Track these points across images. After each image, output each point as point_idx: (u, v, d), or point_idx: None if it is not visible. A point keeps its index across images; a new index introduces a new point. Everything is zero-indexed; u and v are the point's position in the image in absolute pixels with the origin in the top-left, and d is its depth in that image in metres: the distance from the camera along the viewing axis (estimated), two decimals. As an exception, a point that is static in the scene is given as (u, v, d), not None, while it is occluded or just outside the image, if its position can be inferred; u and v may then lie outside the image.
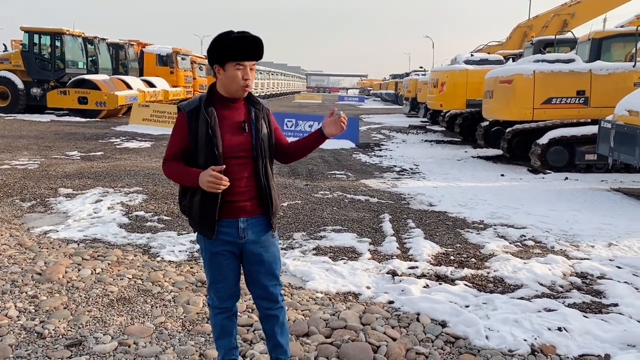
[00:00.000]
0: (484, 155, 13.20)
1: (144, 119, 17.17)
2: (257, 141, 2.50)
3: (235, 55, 2.40)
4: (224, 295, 2.65)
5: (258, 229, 2.56)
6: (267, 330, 2.75)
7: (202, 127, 2.44)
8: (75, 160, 10.35)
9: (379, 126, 21.94)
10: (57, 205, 6.75)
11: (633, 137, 7.72)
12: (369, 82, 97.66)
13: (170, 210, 6.62)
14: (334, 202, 7.45)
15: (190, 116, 2.47)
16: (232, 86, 2.46)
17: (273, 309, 2.69)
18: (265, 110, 2.60)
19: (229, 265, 2.59)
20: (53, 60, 20.62)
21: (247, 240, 2.55)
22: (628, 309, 3.96)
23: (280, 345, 2.75)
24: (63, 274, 4.34)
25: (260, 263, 2.60)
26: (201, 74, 31.68)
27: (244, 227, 2.53)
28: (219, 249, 2.55)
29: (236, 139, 2.47)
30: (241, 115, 2.52)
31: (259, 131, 2.51)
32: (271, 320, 2.71)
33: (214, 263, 2.59)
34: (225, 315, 2.70)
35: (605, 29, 14.05)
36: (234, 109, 2.52)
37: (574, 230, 6.26)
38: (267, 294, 2.66)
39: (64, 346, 3.18)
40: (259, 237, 2.57)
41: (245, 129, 2.50)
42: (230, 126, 2.48)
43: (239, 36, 2.40)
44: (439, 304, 3.92)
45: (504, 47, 21.67)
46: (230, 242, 2.54)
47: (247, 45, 2.41)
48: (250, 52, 2.42)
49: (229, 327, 2.73)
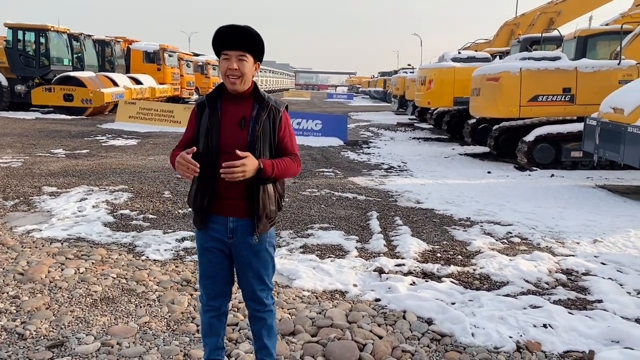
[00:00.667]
0: (471, 153, 13.25)
1: (131, 117, 17.02)
2: (251, 139, 2.43)
3: (218, 44, 2.41)
4: (211, 292, 2.64)
5: (247, 231, 2.51)
6: (254, 331, 2.74)
7: (204, 119, 2.47)
8: (60, 158, 10.22)
9: (367, 124, 21.96)
10: (41, 203, 6.66)
11: (618, 135, 7.80)
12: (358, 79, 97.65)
13: (156, 209, 6.56)
14: (321, 199, 7.43)
15: (199, 108, 2.53)
16: (222, 77, 2.45)
17: (260, 311, 2.67)
18: (273, 109, 2.49)
19: (217, 263, 2.58)
20: (38, 57, 20.35)
21: (235, 241, 2.52)
22: (612, 305, 3.99)
23: (267, 347, 2.73)
24: (46, 273, 4.27)
25: (249, 266, 2.58)
26: (188, 71, 31.49)
27: (232, 228, 2.50)
28: (208, 245, 2.55)
29: (233, 134, 2.44)
30: (244, 111, 2.47)
31: (256, 130, 2.44)
32: (258, 322, 2.70)
33: (204, 258, 2.60)
34: (213, 313, 2.68)
35: (591, 27, 14.16)
36: (240, 105, 2.48)
37: (559, 227, 6.30)
38: (255, 297, 2.64)
39: (45, 347, 3.13)
40: (248, 240, 2.52)
41: (242, 125, 2.45)
42: (231, 121, 2.46)
43: (222, 26, 2.40)
44: (425, 302, 3.92)
45: (491, 44, 21.76)
46: (219, 240, 2.53)
47: (228, 34, 2.38)
48: (231, 41, 2.38)
49: (217, 326, 2.71)
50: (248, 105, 2.48)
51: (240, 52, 2.39)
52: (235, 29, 2.39)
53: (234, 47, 2.39)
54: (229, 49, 2.40)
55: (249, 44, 2.40)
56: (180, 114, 16.94)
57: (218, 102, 2.49)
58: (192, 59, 33.57)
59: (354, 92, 70.48)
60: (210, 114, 2.46)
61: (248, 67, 2.42)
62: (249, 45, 2.40)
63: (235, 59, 2.39)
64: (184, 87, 29.97)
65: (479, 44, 22.62)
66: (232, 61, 2.39)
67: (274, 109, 2.50)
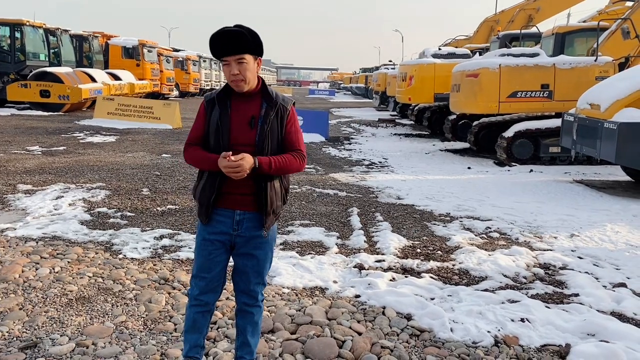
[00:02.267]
0: (451, 149, 13.34)
1: (109, 113, 16.77)
2: (260, 137, 2.50)
3: (215, 53, 2.46)
4: (204, 286, 2.64)
5: (253, 225, 2.57)
6: (239, 326, 2.75)
7: (214, 116, 2.53)
8: (36, 156, 10.03)
9: (349, 120, 21.97)
10: (16, 202, 6.53)
11: (594, 130, 7.91)
12: (340, 75, 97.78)
13: (134, 206, 6.47)
14: (302, 196, 7.41)
15: (208, 105, 2.58)
16: (229, 82, 2.52)
17: (250, 305, 2.70)
18: (281, 108, 2.55)
19: (217, 256, 2.61)
20: (13, 52, 19.94)
21: (240, 233, 2.58)
22: (588, 298, 4.05)
23: (249, 344, 2.74)
24: (19, 273, 4.18)
25: (250, 258, 2.62)
26: (168, 67, 31.17)
27: (239, 220, 2.56)
28: (210, 236, 2.59)
29: (243, 132, 2.51)
30: (253, 110, 2.53)
31: (265, 129, 2.51)
32: (246, 316, 2.72)
33: (203, 250, 2.62)
34: (200, 309, 2.68)
35: (569, 24, 14.33)
36: (249, 103, 2.54)
37: (537, 221, 6.37)
38: (248, 290, 2.68)
39: (18, 348, 3.06)
40: (253, 233, 2.58)
41: (251, 124, 2.52)
42: (240, 119, 2.52)
43: (214, 34, 2.44)
44: (404, 297, 3.92)
45: (471, 41, 21.92)
46: (224, 232, 2.58)
47: (221, 41, 2.43)
48: (225, 47, 2.43)
49: (201, 323, 2.71)
50: (257, 104, 2.54)
51: (237, 55, 2.43)
52: (227, 33, 2.42)
53: (231, 52, 2.43)
54: (227, 55, 2.44)
55: (244, 46, 2.43)
56: (160, 110, 16.74)
57: (228, 101, 2.55)
58: (172, 55, 33.23)
59: (336, 89, 70.52)
60: (221, 113, 2.53)
61: (249, 68, 2.47)
62: (245, 46, 2.44)
63: (235, 63, 2.44)
64: (164, 83, 29.67)
65: (459, 40, 22.78)
66: (232, 66, 2.44)
67: (282, 107, 2.56)
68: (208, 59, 40.91)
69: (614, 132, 7.40)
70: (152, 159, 10.13)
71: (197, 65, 37.48)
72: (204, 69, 39.37)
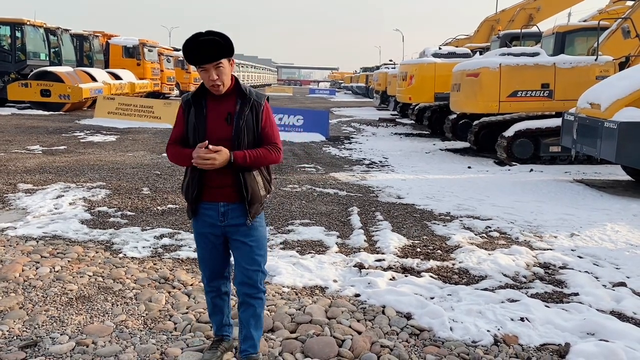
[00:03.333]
0: (451, 148, 13.34)
1: (110, 112, 16.78)
2: (236, 132, 2.61)
3: (190, 60, 2.54)
4: (210, 274, 2.87)
5: (237, 214, 2.69)
6: (242, 319, 2.82)
7: (192, 116, 2.65)
8: (37, 155, 10.04)
9: (350, 119, 21.96)
10: (16, 201, 6.53)
11: (594, 130, 7.90)
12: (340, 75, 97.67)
13: (134, 206, 6.48)
14: (302, 195, 7.41)
15: (186, 106, 2.70)
16: (206, 86, 2.62)
17: (251, 296, 2.77)
18: (255, 104, 2.66)
19: (212, 248, 2.78)
20: (13, 51, 19.94)
21: (227, 224, 2.71)
22: (588, 297, 4.05)
23: (252, 337, 2.81)
24: (20, 272, 4.19)
25: (242, 246, 2.74)
26: (169, 66, 31.15)
27: (223, 212, 2.69)
28: (202, 230, 2.77)
29: (219, 129, 2.62)
30: (228, 107, 2.64)
31: (240, 124, 2.62)
32: (248, 309, 2.79)
33: (199, 243, 2.83)
34: (214, 294, 2.91)
35: (569, 23, 14.32)
36: (223, 101, 2.65)
37: (537, 221, 6.37)
38: (247, 278, 2.75)
39: (18, 347, 3.07)
40: (239, 222, 2.70)
41: (228, 120, 2.63)
42: (216, 117, 2.64)
43: (189, 42, 2.50)
44: (404, 297, 3.93)
45: (472, 40, 21.90)
46: (212, 225, 2.72)
47: (197, 50, 2.50)
48: (203, 57, 2.50)
49: (220, 305, 2.95)
50: (232, 102, 2.65)
51: (214, 62, 2.52)
52: (203, 43, 2.49)
53: (208, 60, 2.51)
54: (205, 63, 2.52)
55: (220, 53, 2.52)
56: (160, 109, 16.75)
57: (203, 101, 2.66)
58: (173, 54, 33.18)
59: (336, 88, 70.47)
60: (197, 113, 2.64)
61: (225, 72, 2.57)
62: (220, 53, 2.52)
63: (213, 69, 2.54)
64: (164, 82, 29.65)
65: (460, 39, 22.75)
66: (210, 72, 2.54)
67: (255, 103, 2.67)
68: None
69: (614, 132, 7.40)
70: (153, 159, 10.14)
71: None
72: (204, 69, 39.26)
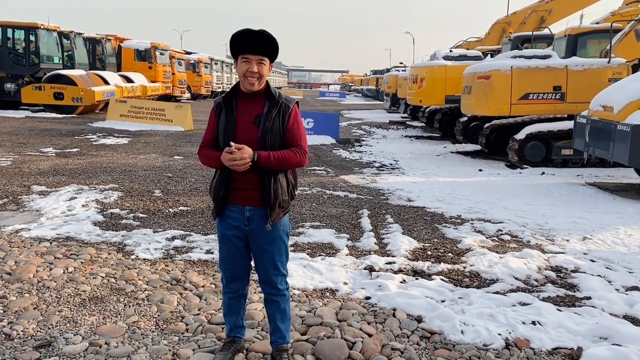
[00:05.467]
0: (462, 151, 13.29)
1: (122, 115, 16.91)
2: (262, 135, 2.66)
3: (238, 48, 2.62)
4: (229, 276, 2.91)
5: (262, 220, 2.72)
6: (269, 314, 2.97)
7: (222, 118, 2.71)
8: (50, 157, 10.15)
9: (360, 122, 21.97)
10: (30, 203, 6.61)
11: (607, 132, 7.84)
12: (350, 77, 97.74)
13: (146, 208, 6.53)
14: (313, 198, 7.42)
15: (217, 109, 2.76)
16: (240, 78, 2.67)
17: (274, 295, 2.90)
18: (283, 106, 2.71)
19: (235, 250, 2.82)
20: (27, 55, 20.19)
21: (252, 229, 2.75)
22: (600, 301, 4.02)
23: (279, 330, 2.95)
24: (34, 273, 4.24)
25: (264, 252, 2.80)
26: (180, 69, 31.36)
27: (249, 216, 2.73)
28: (227, 232, 2.80)
29: (248, 131, 2.67)
30: (257, 109, 2.69)
31: (266, 126, 2.66)
32: (272, 305, 2.93)
33: (223, 244, 2.85)
34: (231, 295, 2.95)
35: (582, 25, 14.23)
36: (253, 103, 2.71)
37: (549, 224, 6.33)
38: (269, 281, 2.87)
39: (32, 347, 3.11)
40: (264, 228, 2.73)
41: (256, 122, 2.67)
42: (246, 119, 2.69)
43: (243, 31, 2.60)
44: (415, 299, 3.92)
45: (483, 43, 21.83)
46: (237, 227, 2.76)
47: (249, 39, 2.59)
48: (252, 46, 2.59)
49: (236, 306, 2.99)
50: (260, 103, 2.71)
51: (260, 56, 2.61)
52: (256, 34, 2.60)
53: (254, 51, 2.60)
54: (250, 53, 2.60)
55: (268, 49, 2.63)
56: (172, 112, 16.86)
57: (233, 102, 2.72)
58: (184, 57, 33.43)
59: (347, 91, 70.50)
60: (227, 113, 2.70)
61: (266, 70, 2.66)
62: (268, 49, 2.63)
63: (255, 62, 2.61)
64: (176, 85, 29.85)
65: (471, 42, 22.69)
66: (252, 64, 2.61)
67: (284, 106, 2.71)
68: (219, 62, 41.09)
69: (627, 134, 7.34)
70: (164, 161, 10.21)
71: (209, 68, 37.69)
72: (215, 72, 39.56)
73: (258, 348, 3.17)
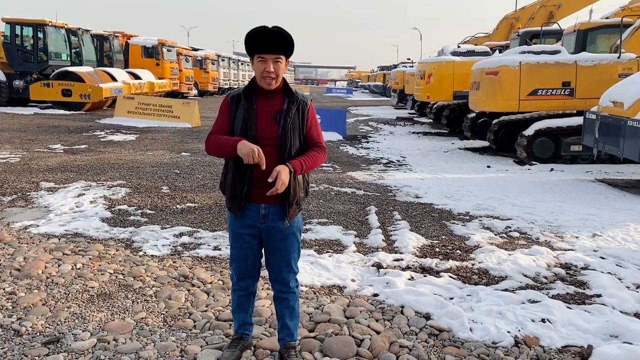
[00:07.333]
0: (470, 147, 13.22)
1: (129, 112, 16.98)
2: (283, 132, 2.65)
3: (254, 47, 2.60)
4: (240, 274, 2.89)
5: (278, 217, 2.72)
6: (278, 311, 2.96)
7: (240, 112, 2.67)
8: (58, 154, 10.20)
9: (367, 118, 21.92)
10: (39, 199, 6.64)
11: (617, 128, 7.77)
12: (357, 74, 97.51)
13: (154, 204, 6.54)
14: (320, 194, 7.41)
15: (233, 102, 2.71)
16: (257, 77, 2.66)
17: (284, 292, 2.89)
18: (301, 103, 2.71)
19: (248, 249, 2.81)
20: (36, 52, 20.30)
21: (266, 226, 2.74)
22: (611, 299, 3.98)
23: (288, 327, 2.94)
24: (42, 269, 4.26)
25: (277, 249, 2.79)
26: (187, 66, 31.41)
27: (264, 214, 2.72)
28: (240, 231, 2.78)
29: (267, 127, 2.65)
30: (277, 106, 2.68)
31: (287, 123, 2.65)
32: (282, 302, 2.92)
33: (235, 242, 2.83)
34: (241, 292, 2.94)
35: (591, 20, 14.09)
36: (271, 100, 2.69)
37: (558, 221, 6.28)
38: (280, 279, 2.86)
39: (41, 343, 3.12)
40: (279, 225, 2.73)
41: (277, 119, 2.65)
42: (265, 115, 2.67)
43: (258, 30, 2.58)
44: (423, 297, 3.90)
45: (491, 38, 21.71)
46: (252, 225, 2.75)
47: (264, 38, 2.57)
48: (268, 45, 2.57)
49: (245, 304, 2.98)
50: (279, 100, 2.70)
51: (275, 55, 2.59)
52: (271, 32, 2.57)
53: (270, 50, 2.58)
54: (266, 53, 2.58)
55: (283, 47, 2.61)
56: (179, 109, 16.89)
57: (253, 98, 2.69)
58: (191, 54, 33.48)
59: (354, 87, 70.36)
60: (248, 108, 2.66)
61: (282, 68, 2.64)
62: (284, 48, 2.61)
63: (272, 61, 2.59)
64: (183, 82, 29.91)
65: (479, 37, 22.56)
66: (268, 64, 2.59)
67: (302, 102, 2.72)
68: (226, 58, 41.13)
69: (638, 130, 7.26)
70: (172, 157, 10.23)
71: (216, 65, 37.75)
72: (222, 68, 39.62)
73: (266, 345, 3.16)
